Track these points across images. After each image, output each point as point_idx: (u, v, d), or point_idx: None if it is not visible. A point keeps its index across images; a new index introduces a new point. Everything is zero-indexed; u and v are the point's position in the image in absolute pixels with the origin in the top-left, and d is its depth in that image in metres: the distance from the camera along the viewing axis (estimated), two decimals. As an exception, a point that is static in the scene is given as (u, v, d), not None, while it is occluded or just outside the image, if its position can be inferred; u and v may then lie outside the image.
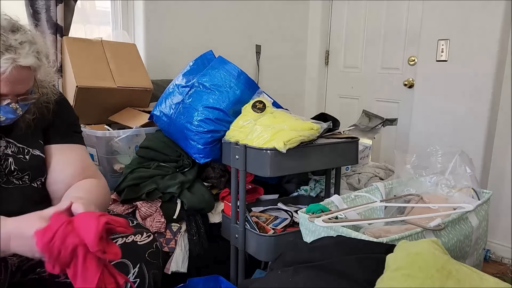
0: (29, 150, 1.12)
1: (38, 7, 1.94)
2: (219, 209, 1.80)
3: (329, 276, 0.85)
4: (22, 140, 1.11)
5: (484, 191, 1.39)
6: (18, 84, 0.98)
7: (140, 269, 1.10)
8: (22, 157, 1.10)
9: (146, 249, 1.15)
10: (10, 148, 1.10)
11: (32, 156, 1.12)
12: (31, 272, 1.11)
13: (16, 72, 0.94)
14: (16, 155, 1.09)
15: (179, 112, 1.70)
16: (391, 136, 2.81)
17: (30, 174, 1.11)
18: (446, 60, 2.29)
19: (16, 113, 1.02)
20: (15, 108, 1.01)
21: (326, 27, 3.21)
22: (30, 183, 1.11)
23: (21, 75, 0.96)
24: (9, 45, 0.93)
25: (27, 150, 1.12)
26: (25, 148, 1.11)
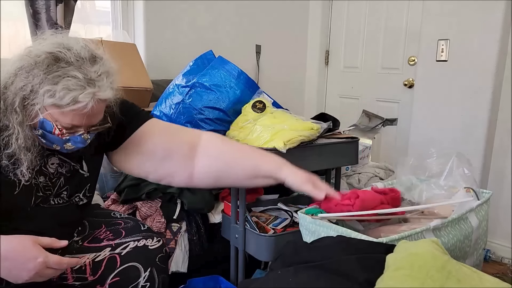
0: (78, 168, 1.10)
1: (38, 7, 1.93)
2: (219, 209, 1.80)
3: (329, 276, 0.85)
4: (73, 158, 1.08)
5: (484, 191, 1.39)
6: (93, 117, 0.96)
7: (150, 273, 1.11)
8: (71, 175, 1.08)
9: (156, 254, 1.15)
10: (64, 168, 1.07)
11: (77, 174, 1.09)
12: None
13: (94, 107, 0.91)
14: (67, 174, 1.07)
15: (179, 112, 1.70)
16: (391, 136, 2.81)
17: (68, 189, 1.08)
18: (446, 60, 2.29)
19: (86, 142, 1.00)
20: (86, 138, 0.98)
21: (326, 27, 3.21)
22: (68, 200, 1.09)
23: (98, 108, 0.94)
24: (90, 78, 0.90)
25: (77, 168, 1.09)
26: (75, 166, 1.09)
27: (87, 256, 1.12)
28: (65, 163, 1.07)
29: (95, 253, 1.13)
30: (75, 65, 0.90)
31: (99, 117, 0.99)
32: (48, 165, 1.04)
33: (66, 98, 0.87)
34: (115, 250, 1.12)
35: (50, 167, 1.05)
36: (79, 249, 1.15)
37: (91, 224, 1.21)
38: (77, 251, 1.14)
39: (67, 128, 0.93)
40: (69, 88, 0.87)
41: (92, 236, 1.17)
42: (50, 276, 0.91)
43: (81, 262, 0.98)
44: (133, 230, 1.18)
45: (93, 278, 1.10)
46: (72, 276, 1.10)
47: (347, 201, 1.16)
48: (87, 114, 0.92)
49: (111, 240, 1.15)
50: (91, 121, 0.96)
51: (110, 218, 1.24)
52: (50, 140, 0.96)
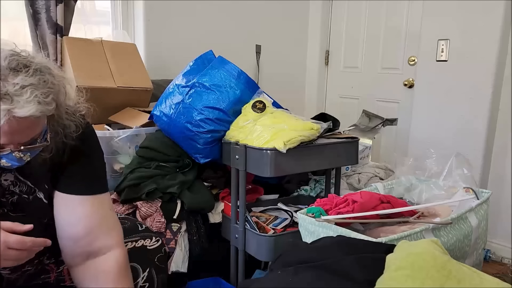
0: (35, 190, 1.00)
1: (38, 7, 1.93)
2: (219, 209, 1.80)
3: (329, 276, 0.85)
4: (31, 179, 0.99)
5: (484, 190, 1.39)
6: (16, 134, 0.83)
7: (149, 273, 1.10)
8: (26, 197, 0.99)
9: (155, 254, 1.15)
10: (19, 187, 0.98)
11: (35, 199, 1.00)
12: (35, 279, 1.09)
13: (13, 124, 0.79)
14: (22, 194, 0.98)
15: (179, 112, 1.70)
16: (391, 136, 2.81)
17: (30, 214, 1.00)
18: (446, 60, 2.29)
19: (22, 160, 0.89)
20: (19, 156, 0.87)
21: (326, 27, 3.21)
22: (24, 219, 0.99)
23: (19, 125, 0.81)
24: (4, 93, 0.77)
25: (33, 190, 1.00)
26: (32, 188, 1.00)
27: None
28: (20, 182, 0.98)
29: None
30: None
31: (30, 134, 0.86)
32: (1, 178, 0.96)
33: None
34: None
35: (3, 182, 0.96)
36: None
37: None
38: None
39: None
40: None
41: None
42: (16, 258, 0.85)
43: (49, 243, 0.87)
44: (131, 230, 1.18)
45: None
46: (70, 278, 1.10)
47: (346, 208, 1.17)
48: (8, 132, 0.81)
49: None
50: (17, 139, 0.84)
51: None
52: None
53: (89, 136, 1.05)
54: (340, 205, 1.22)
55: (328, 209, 1.24)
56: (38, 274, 1.09)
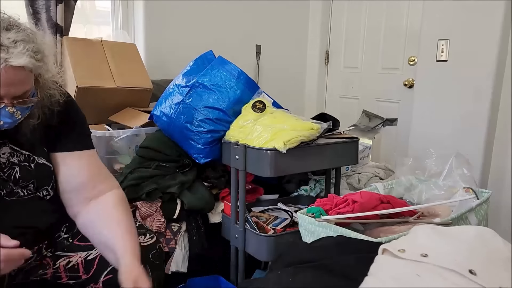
0: (34, 158, 1.08)
1: (38, 7, 1.94)
2: (219, 209, 1.80)
3: (329, 276, 0.85)
4: (27, 147, 1.06)
5: (484, 190, 1.39)
6: (12, 86, 0.91)
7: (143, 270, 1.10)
8: (28, 165, 1.06)
9: (150, 251, 1.15)
10: (17, 157, 1.05)
11: (37, 165, 1.08)
12: (32, 274, 1.10)
13: (8, 73, 0.88)
14: (22, 163, 1.05)
15: (179, 112, 1.70)
16: (391, 136, 2.81)
17: (35, 182, 1.07)
18: (446, 60, 2.28)
19: (14, 117, 0.96)
20: (12, 112, 0.94)
21: (326, 27, 3.21)
22: (36, 193, 1.08)
23: (15, 76, 0.90)
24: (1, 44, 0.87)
25: (32, 158, 1.07)
26: (30, 156, 1.07)
27: (79, 254, 1.13)
28: (16, 152, 1.05)
29: (86, 252, 1.13)
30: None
31: (22, 88, 0.94)
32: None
33: None
34: None
35: (1, 156, 1.02)
36: (69, 247, 1.15)
37: None
38: (68, 249, 1.14)
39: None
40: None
41: (82, 234, 1.16)
42: (2, 270, 0.87)
43: (28, 253, 0.91)
44: None
45: (87, 277, 1.10)
46: (66, 275, 1.11)
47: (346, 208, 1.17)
48: (4, 83, 0.89)
49: None
50: (12, 91, 0.92)
51: None
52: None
53: (72, 103, 1.17)
54: (340, 205, 1.22)
55: (328, 209, 1.24)
56: (35, 268, 1.11)
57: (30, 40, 0.93)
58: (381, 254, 0.76)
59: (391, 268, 0.70)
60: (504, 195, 2.29)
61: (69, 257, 1.13)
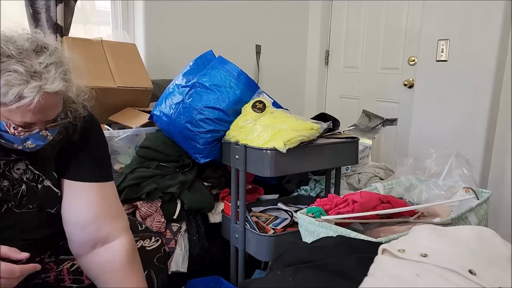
0: (43, 179, 1.03)
1: (38, 7, 1.94)
2: (219, 209, 1.80)
3: (329, 276, 0.85)
4: (39, 167, 1.02)
5: (484, 190, 1.39)
6: (47, 111, 0.89)
7: (148, 274, 1.10)
8: (35, 185, 1.01)
9: (154, 254, 1.14)
10: (26, 174, 1.01)
11: (44, 187, 1.02)
12: (35, 277, 1.09)
13: (43, 100, 0.84)
14: (30, 182, 1.01)
15: (179, 112, 1.70)
16: (391, 136, 2.81)
17: (38, 204, 1.03)
18: (446, 60, 2.28)
19: (46, 140, 0.93)
20: (45, 135, 0.92)
21: (326, 27, 3.21)
22: (39, 211, 1.04)
23: (49, 101, 0.87)
24: (34, 71, 0.83)
25: (41, 179, 1.02)
26: (40, 176, 1.02)
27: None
28: (29, 170, 1.01)
29: None
30: (17, 58, 0.82)
31: (55, 111, 0.92)
32: (13, 170, 0.99)
33: (9, 95, 0.81)
34: None
35: (15, 172, 0.99)
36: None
37: None
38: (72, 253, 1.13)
39: (22, 126, 0.88)
40: (10, 84, 0.80)
41: None
42: (3, 285, 0.84)
43: (38, 267, 0.88)
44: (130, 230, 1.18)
45: (89, 281, 1.09)
46: (69, 278, 1.10)
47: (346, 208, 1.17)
48: (39, 110, 0.85)
49: None
50: (46, 116, 0.90)
51: None
52: (8, 139, 0.91)
53: (94, 124, 1.10)
54: (340, 205, 1.22)
55: (328, 209, 1.24)
56: (38, 272, 1.08)
57: (59, 61, 0.89)
58: (381, 254, 0.76)
59: (390, 268, 0.70)
60: (504, 195, 2.29)
61: (73, 260, 1.11)
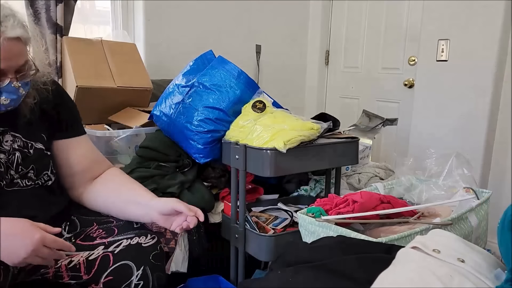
0: (32, 144, 1.13)
1: (38, 7, 1.93)
2: (219, 209, 1.80)
3: (329, 276, 0.85)
4: (26, 134, 1.12)
5: (484, 190, 1.39)
6: (13, 58, 0.98)
7: (144, 271, 1.10)
8: (27, 151, 1.11)
9: (150, 251, 1.14)
10: (16, 143, 1.10)
11: (35, 150, 1.13)
12: (34, 273, 1.10)
13: (7, 45, 0.94)
14: (22, 149, 1.10)
15: (179, 112, 1.70)
16: (391, 136, 2.81)
17: (34, 168, 1.11)
18: (446, 60, 2.29)
19: (19, 93, 1.02)
20: (17, 87, 1.01)
21: (326, 27, 3.21)
22: (36, 181, 1.11)
23: (13, 47, 0.97)
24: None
25: (31, 144, 1.12)
26: (29, 142, 1.12)
27: (81, 254, 1.12)
28: (16, 138, 1.10)
29: (88, 251, 1.12)
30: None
31: (21, 59, 1.00)
32: (3, 143, 1.08)
33: None
34: (108, 248, 1.12)
35: (5, 144, 1.08)
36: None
37: (82, 221, 1.22)
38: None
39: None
40: None
41: (84, 234, 1.17)
42: (46, 257, 0.94)
43: (74, 249, 1.02)
44: (126, 228, 1.19)
45: (88, 277, 1.10)
46: (68, 274, 1.11)
47: (346, 208, 1.17)
48: (5, 56, 0.95)
49: (104, 238, 1.15)
50: (13, 62, 0.98)
51: (100, 217, 1.25)
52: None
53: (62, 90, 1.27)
54: (340, 205, 1.22)
55: (328, 209, 1.24)
56: (37, 267, 1.10)
57: (15, 14, 0.99)
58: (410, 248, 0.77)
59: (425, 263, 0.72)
60: (504, 195, 2.29)
61: (71, 257, 1.12)
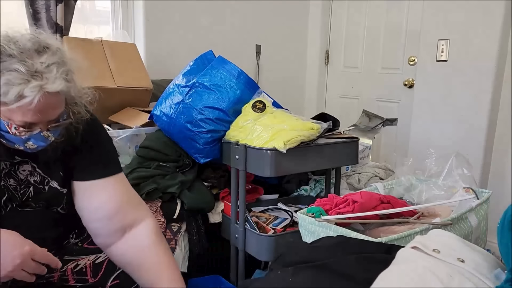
0: (49, 180, 1.04)
1: (38, 7, 1.93)
2: (219, 209, 1.80)
3: (329, 276, 0.85)
4: (45, 169, 1.03)
5: (484, 190, 1.39)
6: (48, 111, 0.89)
7: None
8: (42, 187, 1.03)
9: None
10: (34, 177, 1.02)
11: (50, 188, 1.04)
12: (39, 277, 1.09)
13: (44, 100, 0.84)
14: (37, 185, 1.02)
15: (179, 112, 1.70)
16: (391, 136, 2.81)
17: (44, 204, 1.04)
18: (446, 60, 2.29)
19: (48, 141, 0.94)
20: (47, 136, 0.92)
21: (326, 27, 3.21)
22: (46, 209, 1.05)
23: (51, 101, 0.87)
24: (35, 70, 0.83)
25: (47, 181, 1.04)
26: (45, 178, 1.03)
27: (87, 257, 1.12)
28: (35, 171, 1.02)
29: (95, 255, 1.12)
30: (18, 58, 0.82)
31: (57, 112, 0.92)
32: (19, 171, 1.00)
33: (10, 94, 0.81)
34: None
35: (20, 173, 1.00)
36: (79, 250, 1.14)
37: None
38: (77, 253, 1.13)
39: (23, 126, 0.88)
40: (11, 83, 0.81)
41: (92, 237, 1.16)
42: (32, 271, 0.87)
43: (60, 265, 0.93)
44: None
45: (94, 280, 1.09)
46: (73, 278, 1.10)
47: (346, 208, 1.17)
48: (40, 110, 0.86)
49: None
50: (47, 116, 0.90)
51: None
52: (9, 140, 0.91)
53: (96, 123, 1.11)
54: (340, 205, 1.22)
55: (328, 209, 1.24)
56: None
57: (61, 61, 0.90)
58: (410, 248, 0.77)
59: (425, 263, 0.72)
60: (504, 195, 2.28)
61: (77, 260, 1.12)
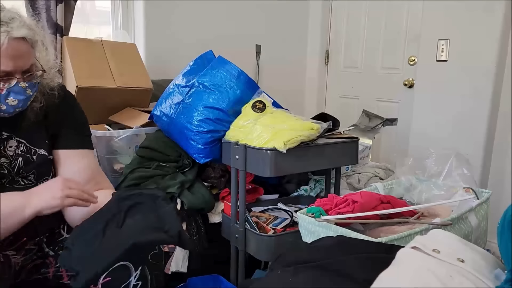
0: (36, 150, 1.13)
1: (38, 7, 1.94)
2: (219, 209, 1.80)
3: (329, 276, 0.85)
4: (30, 140, 1.12)
5: (484, 190, 1.39)
6: (19, 58, 0.99)
7: (142, 271, 1.10)
8: (30, 157, 1.11)
9: (149, 251, 1.14)
10: (20, 148, 1.10)
11: (39, 156, 1.13)
12: (35, 272, 1.11)
13: (13, 45, 0.96)
14: (25, 154, 1.11)
15: (179, 112, 1.70)
16: (391, 136, 2.81)
17: (35, 173, 1.11)
18: (446, 60, 2.28)
19: (26, 93, 1.02)
20: (24, 87, 1.01)
21: (326, 27, 3.21)
22: (36, 182, 1.11)
23: (19, 47, 0.98)
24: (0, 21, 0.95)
25: (34, 150, 1.13)
26: (32, 148, 1.12)
27: None
28: (20, 143, 1.11)
29: None
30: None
31: (29, 61, 1.02)
32: (7, 147, 1.09)
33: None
34: None
35: (8, 149, 1.09)
36: None
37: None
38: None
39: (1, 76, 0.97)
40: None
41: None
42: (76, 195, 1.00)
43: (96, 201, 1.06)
44: None
45: None
46: (67, 275, 1.11)
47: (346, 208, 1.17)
48: (11, 55, 0.96)
49: None
50: (20, 63, 0.99)
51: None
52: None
53: (74, 100, 1.26)
54: (340, 205, 1.22)
55: (328, 209, 1.24)
56: (38, 266, 1.11)
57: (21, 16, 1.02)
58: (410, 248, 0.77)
59: (425, 263, 0.72)
60: (504, 195, 2.28)
61: None
